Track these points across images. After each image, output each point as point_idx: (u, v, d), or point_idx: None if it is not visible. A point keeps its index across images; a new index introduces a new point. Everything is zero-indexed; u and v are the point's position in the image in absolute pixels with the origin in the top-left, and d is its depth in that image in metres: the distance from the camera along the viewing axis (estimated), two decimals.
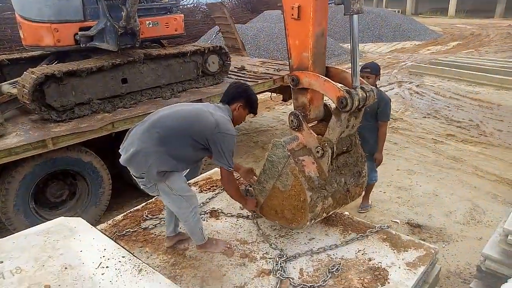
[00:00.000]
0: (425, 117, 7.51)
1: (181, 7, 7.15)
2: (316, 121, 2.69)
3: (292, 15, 2.31)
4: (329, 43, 11.99)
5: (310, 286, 2.31)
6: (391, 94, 9.07)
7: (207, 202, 3.30)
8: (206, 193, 3.46)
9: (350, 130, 2.45)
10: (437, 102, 8.36)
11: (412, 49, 15.45)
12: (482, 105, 8.04)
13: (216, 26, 10.10)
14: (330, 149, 2.36)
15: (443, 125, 7.03)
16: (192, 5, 17.52)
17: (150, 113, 4.37)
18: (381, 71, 4.01)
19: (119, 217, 3.15)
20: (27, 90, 3.99)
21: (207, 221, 3.06)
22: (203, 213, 3.14)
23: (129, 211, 3.26)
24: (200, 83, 5.44)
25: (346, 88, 2.26)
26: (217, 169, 3.77)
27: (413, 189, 4.81)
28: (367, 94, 2.27)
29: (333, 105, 2.39)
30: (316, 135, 2.45)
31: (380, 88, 4.48)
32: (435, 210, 4.33)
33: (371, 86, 2.36)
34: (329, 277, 2.37)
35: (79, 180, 4.23)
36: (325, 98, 2.55)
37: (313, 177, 2.43)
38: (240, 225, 2.98)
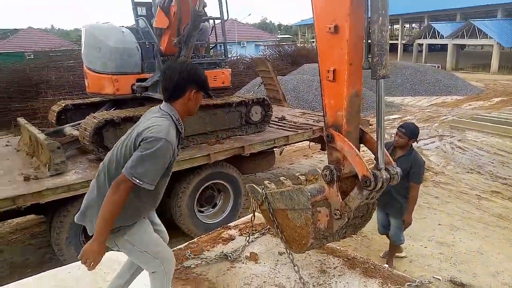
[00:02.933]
0: (468, 172, 7.32)
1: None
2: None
3: (328, 77, 2.43)
4: (367, 96, 12.19)
5: None
6: (432, 148, 8.98)
7: (247, 246, 3.40)
8: (246, 236, 3.57)
9: (369, 200, 2.52)
10: (481, 158, 8.15)
11: (453, 104, 15.28)
12: None
13: (259, 78, 10.64)
14: (347, 218, 2.46)
15: (487, 181, 6.82)
16: (236, 57, 18.61)
17: (197, 157, 4.72)
18: (422, 124, 4.05)
19: None
20: (88, 133, 4.42)
21: (246, 264, 3.15)
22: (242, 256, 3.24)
23: (172, 249, 3.41)
24: (243, 131, 5.73)
25: (373, 170, 2.31)
26: (258, 214, 3.86)
27: (456, 245, 4.65)
28: (391, 177, 2.36)
29: None
30: (340, 199, 2.48)
31: (419, 143, 4.46)
32: (480, 269, 4.15)
33: (397, 169, 2.40)
34: None
35: None
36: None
37: (321, 229, 2.59)
38: (278, 270, 3.04)
